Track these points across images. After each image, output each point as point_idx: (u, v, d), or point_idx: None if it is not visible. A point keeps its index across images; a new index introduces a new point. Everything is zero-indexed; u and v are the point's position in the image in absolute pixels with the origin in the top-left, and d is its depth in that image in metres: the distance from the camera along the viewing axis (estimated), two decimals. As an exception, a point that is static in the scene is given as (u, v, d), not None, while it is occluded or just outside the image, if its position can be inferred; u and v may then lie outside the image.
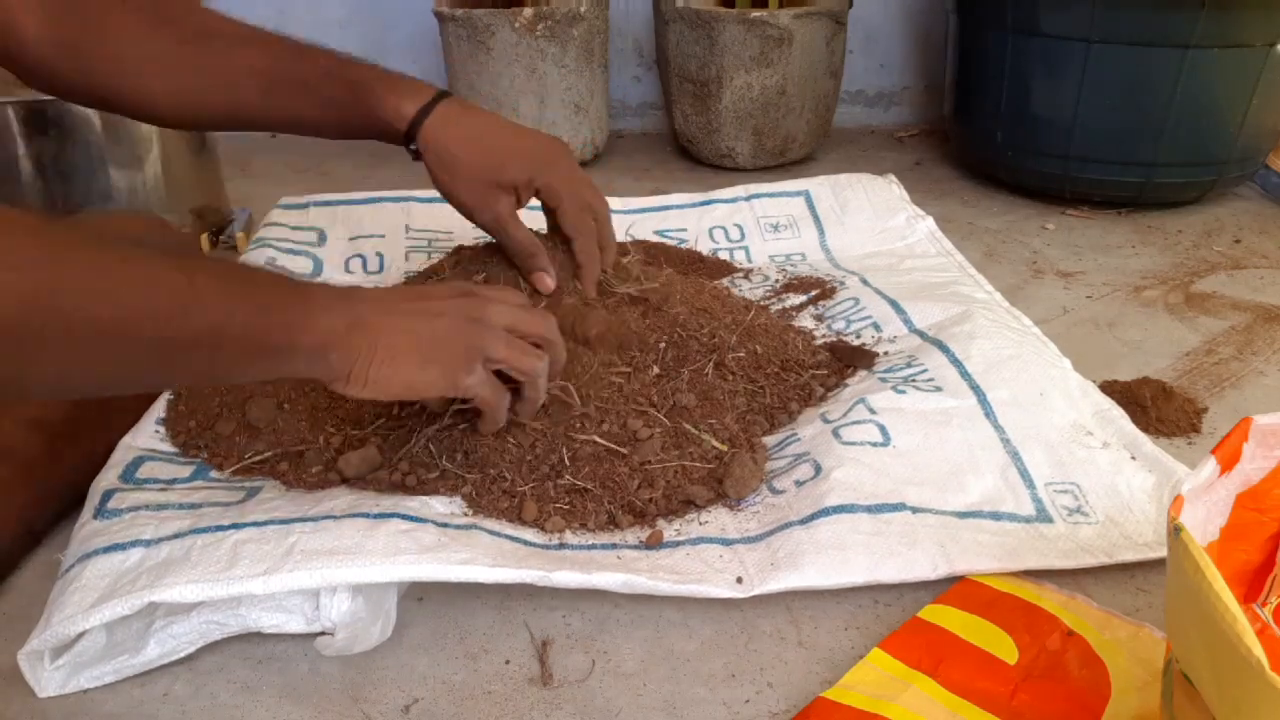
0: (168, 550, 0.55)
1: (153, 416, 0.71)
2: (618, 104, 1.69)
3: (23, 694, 0.53)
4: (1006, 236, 1.20)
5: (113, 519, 0.59)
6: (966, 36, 1.34)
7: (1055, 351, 0.81)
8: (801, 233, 1.10)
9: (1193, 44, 1.11)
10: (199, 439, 0.69)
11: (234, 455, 0.68)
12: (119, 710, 0.52)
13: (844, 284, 0.95)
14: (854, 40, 1.53)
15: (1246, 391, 0.83)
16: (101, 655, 0.54)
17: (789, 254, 1.07)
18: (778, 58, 1.35)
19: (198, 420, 0.70)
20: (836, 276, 0.98)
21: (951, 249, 1.05)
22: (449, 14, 1.35)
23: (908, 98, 1.74)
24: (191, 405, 0.72)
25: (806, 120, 1.43)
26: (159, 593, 0.52)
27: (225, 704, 0.53)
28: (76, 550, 0.56)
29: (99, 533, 0.57)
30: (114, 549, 0.55)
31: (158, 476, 0.65)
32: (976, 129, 1.36)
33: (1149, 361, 0.89)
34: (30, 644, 0.52)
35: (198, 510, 0.60)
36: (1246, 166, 1.28)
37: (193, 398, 0.72)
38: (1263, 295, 1.03)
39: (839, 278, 0.97)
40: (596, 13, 1.38)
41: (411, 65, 1.65)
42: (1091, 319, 0.98)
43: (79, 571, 0.54)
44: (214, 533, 0.56)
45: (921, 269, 1.00)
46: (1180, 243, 1.19)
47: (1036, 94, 1.24)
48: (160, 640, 0.54)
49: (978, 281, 0.96)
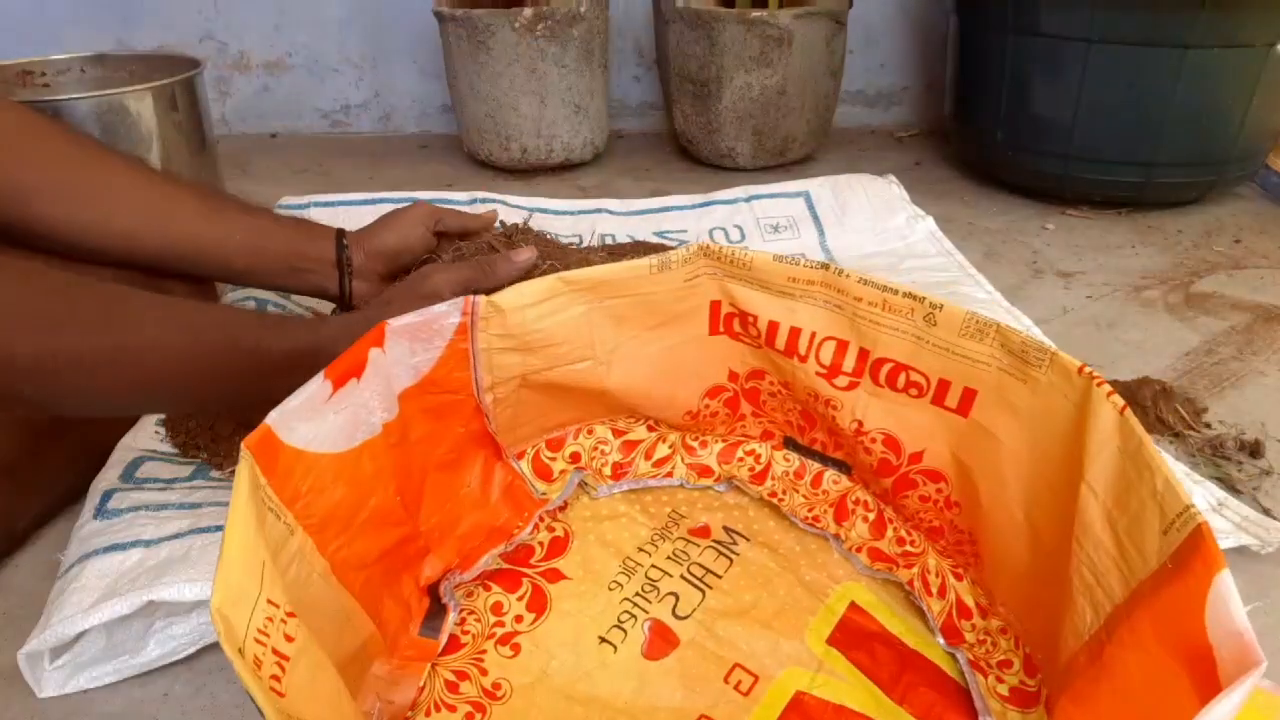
0: (167, 550, 0.55)
1: (153, 417, 0.71)
2: (618, 104, 1.69)
3: (23, 694, 0.53)
4: (1006, 236, 1.20)
5: (113, 519, 0.59)
6: (966, 36, 1.34)
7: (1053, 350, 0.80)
8: (801, 233, 1.10)
9: (1193, 44, 1.11)
10: (198, 439, 0.69)
11: (233, 455, 0.67)
12: (119, 710, 0.52)
13: None
14: (854, 40, 1.53)
15: (1246, 391, 0.83)
16: (101, 655, 0.54)
17: (789, 254, 1.07)
18: (778, 58, 1.35)
19: (197, 421, 0.70)
20: None
21: (952, 249, 1.05)
22: (449, 14, 1.35)
23: (908, 98, 1.74)
24: None
25: (806, 120, 1.43)
26: (158, 592, 0.52)
27: (225, 704, 0.53)
28: (76, 550, 0.56)
29: (99, 533, 0.57)
30: (114, 549, 0.56)
31: (158, 476, 0.65)
32: (976, 129, 1.36)
33: (1149, 361, 0.89)
34: (30, 644, 0.52)
35: (198, 510, 0.60)
36: (1246, 166, 1.27)
37: None
38: (1263, 295, 1.03)
39: None
40: (596, 13, 1.38)
41: (411, 65, 1.66)
42: (1091, 319, 0.98)
43: (79, 571, 0.54)
44: (213, 532, 0.56)
45: (921, 269, 1.01)
46: (1180, 243, 1.19)
47: (1036, 94, 1.24)
48: (160, 641, 0.54)
49: (978, 281, 0.96)
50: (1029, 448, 0.49)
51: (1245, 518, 0.63)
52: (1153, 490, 0.40)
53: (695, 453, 0.64)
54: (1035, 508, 0.49)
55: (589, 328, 0.56)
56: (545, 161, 1.43)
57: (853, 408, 0.56)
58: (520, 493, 0.60)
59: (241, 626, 0.34)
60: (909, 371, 0.54)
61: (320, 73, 1.66)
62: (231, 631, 0.33)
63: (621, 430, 0.63)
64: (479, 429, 0.56)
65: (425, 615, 0.53)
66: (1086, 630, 0.43)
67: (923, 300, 0.52)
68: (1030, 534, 0.50)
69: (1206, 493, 0.66)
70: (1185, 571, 0.37)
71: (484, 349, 0.53)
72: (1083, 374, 0.46)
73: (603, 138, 1.49)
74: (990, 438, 0.51)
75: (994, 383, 0.51)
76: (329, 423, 0.45)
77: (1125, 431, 0.43)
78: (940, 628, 0.54)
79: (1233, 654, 0.33)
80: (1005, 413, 0.50)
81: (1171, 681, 0.36)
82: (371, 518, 0.48)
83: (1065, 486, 0.46)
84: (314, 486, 0.44)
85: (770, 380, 0.60)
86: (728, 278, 0.57)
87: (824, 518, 0.60)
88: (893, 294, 0.53)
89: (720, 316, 0.59)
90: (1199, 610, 0.35)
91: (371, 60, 1.66)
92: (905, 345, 0.53)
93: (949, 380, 0.52)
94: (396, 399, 0.50)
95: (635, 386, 0.59)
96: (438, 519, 0.55)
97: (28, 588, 0.61)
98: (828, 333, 0.56)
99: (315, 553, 0.44)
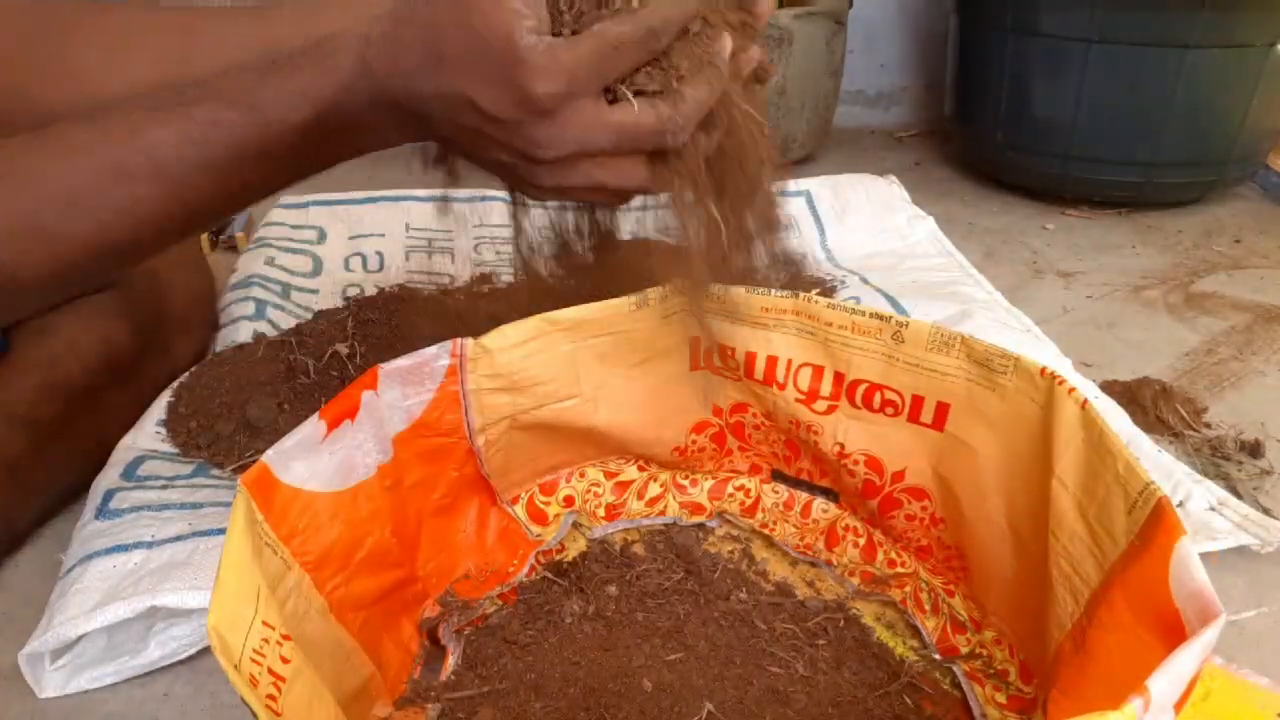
0: (169, 553, 0.55)
1: (153, 417, 0.71)
2: (618, 104, 1.69)
3: (22, 694, 0.53)
4: (1006, 236, 1.20)
5: (114, 519, 0.59)
6: (967, 36, 1.34)
7: (1054, 351, 0.81)
8: (802, 232, 1.10)
9: (1193, 44, 1.11)
10: (199, 439, 0.69)
11: (234, 454, 0.68)
12: (119, 710, 0.52)
13: (844, 283, 0.95)
14: (854, 40, 1.53)
15: (1246, 391, 0.83)
16: (102, 656, 0.54)
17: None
18: (778, 58, 1.35)
19: (198, 421, 0.70)
20: (837, 275, 0.98)
21: (952, 249, 1.05)
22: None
23: (908, 98, 1.74)
24: (192, 405, 0.72)
25: (806, 120, 1.43)
26: (161, 598, 0.52)
27: (225, 704, 0.53)
28: (78, 550, 0.56)
29: (101, 533, 0.57)
30: (116, 550, 0.56)
31: (159, 474, 0.65)
32: (976, 129, 1.36)
33: (1149, 361, 0.89)
34: (31, 645, 0.52)
35: (199, 510, 0.60)
36: (1246, 166, 1.27)
37: (193, 398, 0.72)
38: (1263, 295, 1.03)
39: (839, 277, 0.97)
40: (596, 12, 1.38)
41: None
42: (1091, 319, 0.98)
43: (80, 573, 0.54)
44: (215, 536, 0.56)
45: (922, 269, 1.00)
46: (1180, 243, 1.19)
47: (1036, 94, 1.24)
48: (161, 642, 0.54)
49: (978, 282, 0.96)
50: (1003, 455, 0.50)
51: (1245, 516, 0.63)
52: (1116, 474, 0.42)
53: (686, 490, 0.64)
54: (1015, 513, 0.50)
55: (574, 366, 0.56)
56: (545, 161, 1.43)
57: (833, 431, 0.57)
58: (515, 535, 0.60)
59: (237, 647, 0.35)
60: (883, 391, 0.55)
61: (320, 72, 1.65)
62: (228, 649, 0.34)
63: (613, 472, 0.63)
64: (472, 473, 0.57)
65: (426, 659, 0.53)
66: (1069, 619, 0.44)
67: (889, 319, 0.53)
68: (1014, 540, 0.50)
69: (1207, 491, 0.65)
70: (1150, 544, 0.39)
71: (474, 390, 0.53)
72: (1045, 375, 0.48)
73: (603, 138, 1.49)
74: (966, 449, 0.52)
75: (964, 394, 0.52)
76: (325, 463, 0.46)
77: (1088, 423, 0.45)
78: (935, 643, 0.54)
79: (1196, 612, 0.34)
80: (978, 423, 0.51)
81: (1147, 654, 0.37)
82: (369, 558, 0.48)
83: (1039, 487, 0.47)
84: (311, 524, 0.44)
85: (753, 412, 0.60)
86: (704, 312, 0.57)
87: (815, 545, 0.61)
88: (861, 315, 0.54)
89: (700, 351, 0.59)
90: (1164, 577, 0.36)
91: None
92: (877, 365, 0.54)
93: (922, 396, 0.53)
94: (391, 442, 0.50)
95: (623, 424, 0.60)
96: (435, 564, 0.55)
97: (28, 587, 0.61)
98: (803, 359, 0.57)
99: (313, 589, 0.44)
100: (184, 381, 0.75)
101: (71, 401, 0.67)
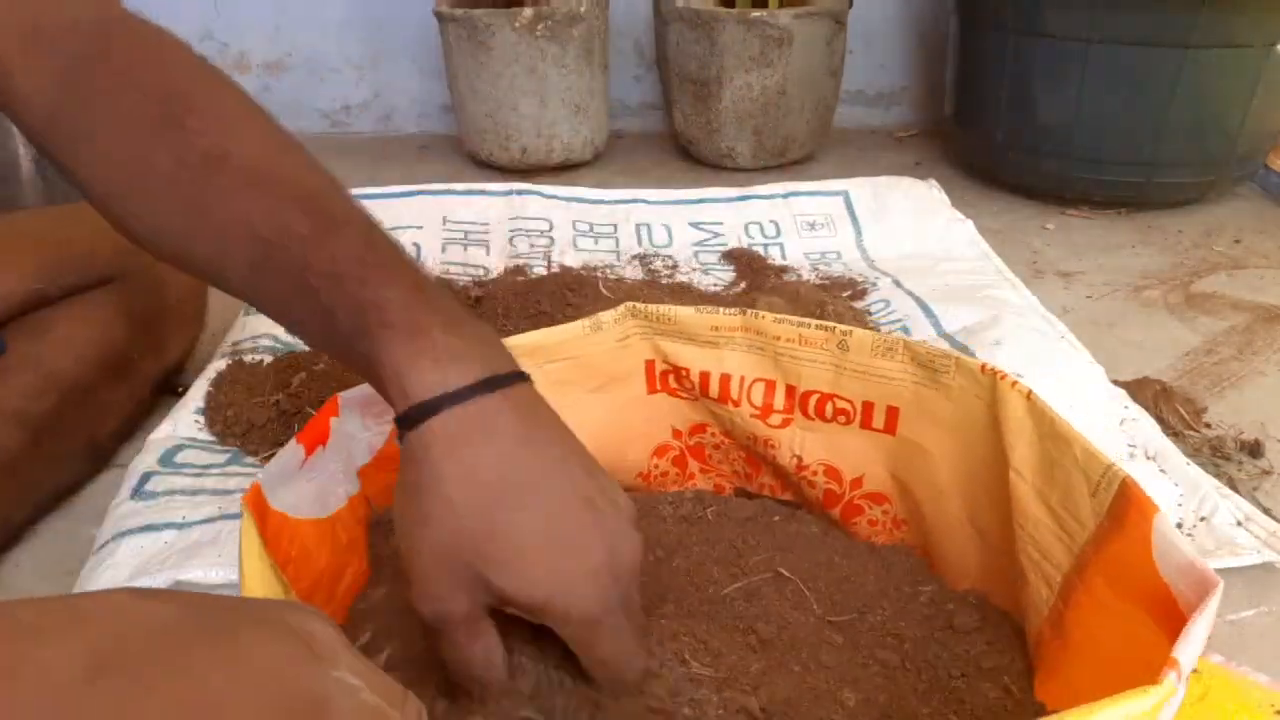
0: (198, 534, 0.58)
1: (191, 405, 0.73)
2: (618, 104, 1.69)
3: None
4: (1006, 236, 1.20)
5: (150, 501, 0.61)
6: (967, 36, 1.34)
7: (1087, 358, 0.80)
8: (838, 231, 1.10)
9: (1193, 44, 1.11)
10: (234, 427, 0.71)
11: (267, 442, 0.70)
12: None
13: (876, 285, 0.96)
14: (854, 40, 1.53)
15: (1246, 391, 0.83)
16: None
17: (824, 252, 1.08)
18: (778, 58, 1.35)
19: (234, 410, 0.72)
20: (870, 277, 0.99)
21: (989, 252, 1.05)
22: (449, 14, 1.35)
23: (908, 98, 1.74)
24: (230, 395, 0.74)
25: (806, 120, 1.43)
26: (186, 573, 0.54)
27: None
28: (111, 528, 0.59)
29: (136, 512, 0.60)
30: (148, 529, 0.59)
31: (194, 463, 0.67)
32: (977, 129, 1.36)
33: (1149, 361, 0.89)
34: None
35: (229, 496, 0.62)
36: (1246, 166, 1.28)
37: (230, 389, 0.74)
38: (1263, 295, 1.03)
39: (872, 278, 0.98)
40: (596, 13, 1.38)
41: (411, 65, 1.66)
42: (1091, 319, 0.98)
43: (113, 548, 0.57)
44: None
45: (956, 272, 1.01)
46: (1180, 243, 1.19)
47: (1037, 94, 1.24)
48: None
49: (1014, 286, 0.96)
50: (957, 453, 0.51)
51: (1273, 533, 0.62)
52: (1074, 460, 0.43)
53: None
54: (975, 508, 0.51)
55: None
56: (545, 161, 1.43)
57: (790, 444, 0.57)
58: None
59: None
60: (834, 400, 0.55)
61: (320, 73, 1.65)
62: None
63: None
64: None
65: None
66: (1045, 604, 0.45)
67: (833, 329, 0.54)
68: (978, 536, 0.51)
69: (1234, 506, 0.64)
70: (1124, 523, 0.40)
71: None
72: (986, 372, 0.48)
73: (603, 138, 1.49)
74: (920, 451, 0.53)
75: (912, 397, 0.52)
76: (305, 489, 0.45)
77: (1036, 414, 0.46)
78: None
79: (1189, 584, 0.35)
80: (929, 424, 0.52)
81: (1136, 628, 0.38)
82: (351, 589, 0.48)
83: (997, 482, 0.48)
84: (300, 552, 0.44)
85: (712, 432, 0.61)
86: (657, 335, 0.58)
87: None
88: (806, 328, 0.55)
89: (656, 374, 0.59)
90: (1146, 554, 0.37)
91: (371, 60, 1.66)
92: (826, 375, 0.55)
93: (872, 401, 0.54)
94: (356, 475, 0.50)
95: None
96: None
97: (28, 587, 0.61)
98: (755, 375, 0.57)
99: None
100: (222, 371, 0.77)
101: (67, 398, 0.67)
